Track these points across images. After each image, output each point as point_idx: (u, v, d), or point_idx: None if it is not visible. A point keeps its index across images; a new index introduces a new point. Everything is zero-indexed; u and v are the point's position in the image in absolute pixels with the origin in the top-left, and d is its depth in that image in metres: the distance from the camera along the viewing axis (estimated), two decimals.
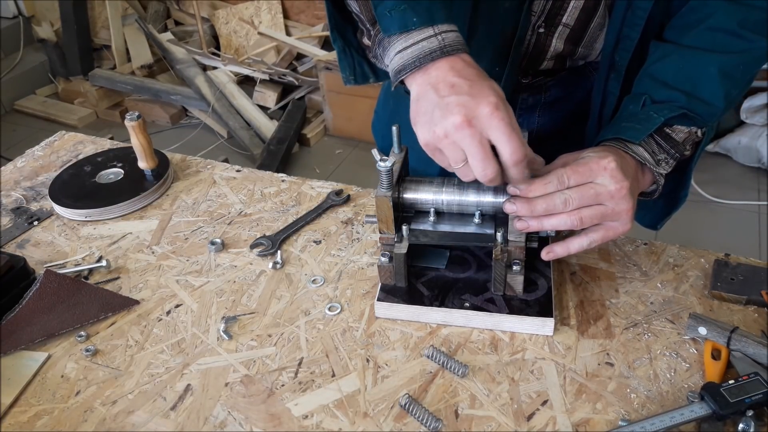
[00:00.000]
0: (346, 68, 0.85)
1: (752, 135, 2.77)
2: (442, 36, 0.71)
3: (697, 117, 0.80)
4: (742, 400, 0.66)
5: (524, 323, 0.79)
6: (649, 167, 0.78)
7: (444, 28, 0.71)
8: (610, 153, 0.74)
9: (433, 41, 0.71)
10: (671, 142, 0.80)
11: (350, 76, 0.85)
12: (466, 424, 0.70)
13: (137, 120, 1.07)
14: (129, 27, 3.65)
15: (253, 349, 0.80)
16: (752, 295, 0.81)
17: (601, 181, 0.72)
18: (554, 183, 0.72)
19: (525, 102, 1.02)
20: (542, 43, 0.93)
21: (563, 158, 0.78)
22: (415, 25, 0.71)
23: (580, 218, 0.73)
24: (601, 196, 0.72)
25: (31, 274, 0.91)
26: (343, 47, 0.85)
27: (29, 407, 0.75)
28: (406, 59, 0.72)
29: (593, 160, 0.72)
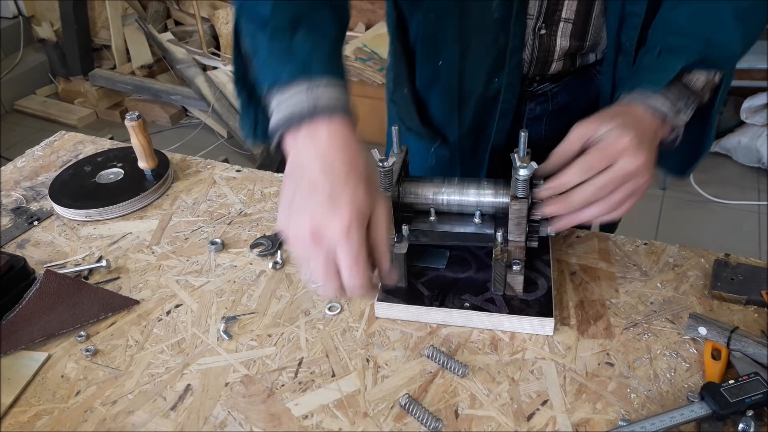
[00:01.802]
0: (246, 125, 0.77)
1: (752, 135, 2.77)
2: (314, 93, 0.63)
3: (714, 61, 0.79)
4: (742, 400, 0.66)
5: (524, 323, 0.79)
6: (667, 120, 0.77)
7: (320, 82, 0.63)
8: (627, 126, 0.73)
9: (304, 99, 0.63)
10: (689, 89, 0.79)
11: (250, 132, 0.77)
12: (466, 424, 0.70)
13: (137, 120, 1.07)
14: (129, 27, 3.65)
15: (253, 349, 0.80)
16: (752, 295, 0.81)
17: (623, 163, 0.72)
18: (581, 173, 0.72)
19: (533, 112, 1.01)
20: (547, 45, 0.92)
21: (580, 129, 0.76)
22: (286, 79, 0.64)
23: (616, 202, 0.73)
24: (627, 176, 0.72)
25: (31, 274, 0.91)
26: (248, 101, 0.77)
27: (29, 407, 0.75)
28: (277, 120, 0.64)
29: (613, 142, 0.72)
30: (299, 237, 0.62)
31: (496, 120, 0.95)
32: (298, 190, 0.62)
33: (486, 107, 0.95)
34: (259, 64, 0.69)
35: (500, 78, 0.91)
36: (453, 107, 0.98)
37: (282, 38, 0.66)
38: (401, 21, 0.98)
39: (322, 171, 0.61)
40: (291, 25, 0.66)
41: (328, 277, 0.62)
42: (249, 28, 0.71)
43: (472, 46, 0.90)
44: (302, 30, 0.66)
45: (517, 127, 1.00)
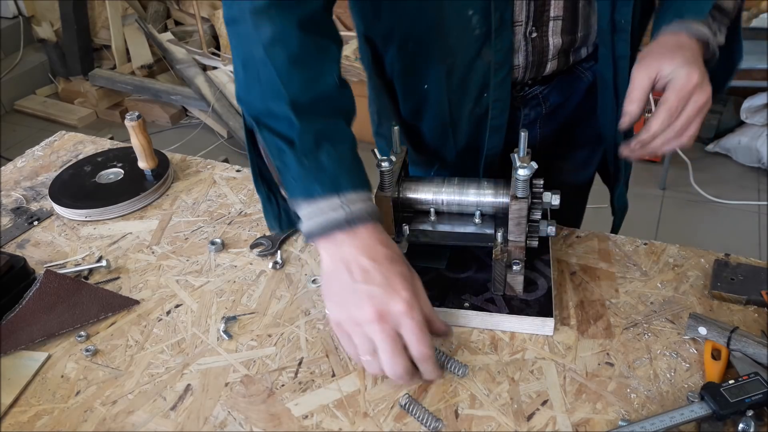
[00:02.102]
0: (271, 218, 0.82)
1: (752, 135, 2.77)
2: (348, 207, 0.69)
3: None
4: (742, 400, 0.66)
5: (524, 323, 0.79)
6: (710, 43, 0.81)
7: (351, 197, 0.70)
8: (689, 61, 0.77)
9: (340, 213, 0.69)
10: (723, 11, 0.84)
11: (275, 224, 0.82)
12: (466, 424, 0.70)
13: (137, 120, 1.07)
14: (129, 27, 3.65)
15: (253, 349, 0.80)
16: (752, 295, 0.81)
17: (696, 99, 0.77)
18: (667, 119, 0.78)
19: (527, 117, 1.00)
20: (540, 47, 0.91)
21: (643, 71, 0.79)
22: (318, 195, 0.70)
23: (689, 137, 0.80)
24: (700, 111, 0.78)
25: (31, 274, 0.91)
26: (268, 196, 0.81)
27: (29, 407, 0.75)
28: (312, 226, 0.70)
29: (686, 82, 0.76)
30: (361, 322, 0.68)
31: (487, 136, 0.95)
32: (349, 283, 0.69)
33: (478, 124, 0.95)
34: (288, 179, 0.73)
35: (488, 94, 0.91)
36: (446, 129, 0.98)
37: (310, 157, 0.71)
38: (376, 56, 0.98)
39: (371, 259, 0.68)
40: (316, 144, 0.71)
41: (395, 353, 0.68)
42: (274, 141, 0.73)
43: (456, 65, 0.90)
44: (326, 146, 0.71)
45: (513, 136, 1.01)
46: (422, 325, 0.68)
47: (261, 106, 0.74)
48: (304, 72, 0.72)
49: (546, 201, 0.80)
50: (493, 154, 0.97)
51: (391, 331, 0.67)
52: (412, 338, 0.68)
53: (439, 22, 0.86)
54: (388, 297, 0.67)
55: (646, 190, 2.78)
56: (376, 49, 0.97)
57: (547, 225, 0.82)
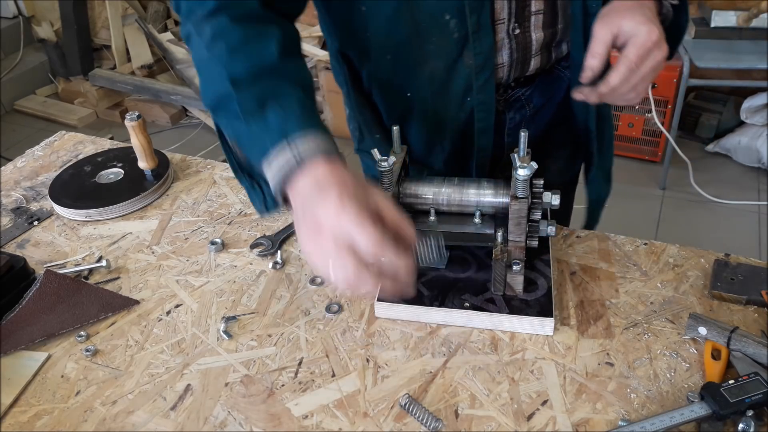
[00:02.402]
0: (256, 202, 0.82)
1: (752, 135, 2.77)
2: (296, 147, 0.68)
3: None
4: (742, 400, 0.66)
5: (524, 323, 0.79)
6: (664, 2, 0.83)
7: (298, 139, 0.69)
8: (648, 18, 0.78)
9: (287, 155, 0.68)
10: None
11: (262, 208, 0.81)
12: (466, 424, 0.70)
13: (137, 120, 1.07)
14: (129, 27, 3.65)
15: (253, 349, 0.80)
16: (752, 295, 0.81)
17: (653, 56, 0.78)
18: (626, 73, 0.78)
19: (512, 121, 1.01)
20: (524, 43, 0.91)
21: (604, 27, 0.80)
22: (270, 146, 0.69)
23: (640, 94, 0.80)
24: (656, 69, 0.79)
25: (31, 274, 0.91)
26: (251, 184, 0.82)
27: (29, 407, 0.75)
28: (274, 185, 0.70)
29: (646, 38, 0.77)
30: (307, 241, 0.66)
31: (475, 140, 0.95)
32: (299, 219, 0.67)
33: (464, 128, 0.95)
34: (246, 148, 0.75)
35: (472, 97, 0.91)
36: (432, 135, 0.98)
37: (257, 117, 0.71)
38: (353, 72, 0.98)
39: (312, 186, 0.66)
40: (260, 105, 0.71)
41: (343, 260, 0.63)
42: (225, 122, 0.76)
43: (437, 70, 0.90)
44: (270, 104, 0.71)
45: (500, 140, 1.01)
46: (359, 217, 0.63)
47: (213, 96, 0.76)
48: (244, 55, 0.74)
49: (546, 201, 0.80)
50: (483, 156, 0.97)
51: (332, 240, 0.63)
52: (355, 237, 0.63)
53: (415, 29, 0.86)
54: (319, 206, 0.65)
55: (646, 190, 2.78)
56: (352, 65, 0.97)
57: (547, 225, 0.82)
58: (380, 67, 0.94)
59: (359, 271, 0.63)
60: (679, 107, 2.57)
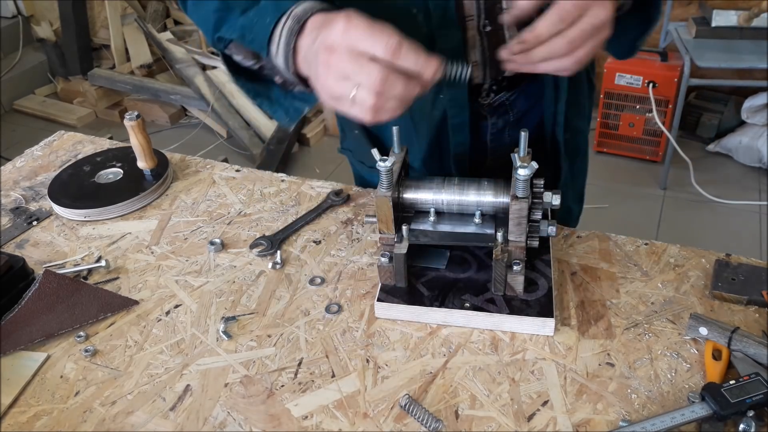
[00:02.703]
0: (281, 117, 0.84)
1: (753, 135, 2.77)
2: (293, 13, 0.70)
3: None
4: (743, 401, 0.66)
5: (524, 323, 0.79)
6: None
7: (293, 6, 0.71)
8: None
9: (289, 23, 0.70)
10: None
11: (287, 120, 0.83)
12: (466, 425, 0.70)
13: (136, 120, 1.06)
14: (128, 26, 3.65)
15: (252, 350, 0.80)
16: (753, 296, 0.81)
17: (594, 12, 0.68)
18: (557, 22, 0.68)
19: (495, 126, 1.00)
20: (497, 42, 0.88)
21: None
22: (271, 24, 0.71)
23: (578, 60, 0.70)
24: (596, 29, 0.69)
25: (30, 274, 0.91)
26: (270, 105, 0.84)
27: (28, 407, 0.74)
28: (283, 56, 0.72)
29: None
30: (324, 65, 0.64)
31: (450, 137, 0.94)
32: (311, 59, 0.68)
33: (439, 126, 0.94)
34: (253, 41, 0.75)
35: (443, 94, 0.90)
36: (409, 133, 0.97)
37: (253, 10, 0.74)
38: None
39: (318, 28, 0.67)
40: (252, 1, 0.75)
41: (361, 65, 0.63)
42: (228, 29, 0.77)
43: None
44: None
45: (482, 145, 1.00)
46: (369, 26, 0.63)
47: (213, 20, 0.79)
48: None
49: (546, 201, 0.80)
50: (461, 153, 0.96)
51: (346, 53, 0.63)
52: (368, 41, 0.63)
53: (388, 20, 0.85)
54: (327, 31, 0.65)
55: (646, 190, 2.78)
56: None
57: (547, 225, 0.82)
58: None
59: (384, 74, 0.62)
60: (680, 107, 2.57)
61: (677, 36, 2.64)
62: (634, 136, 2.88)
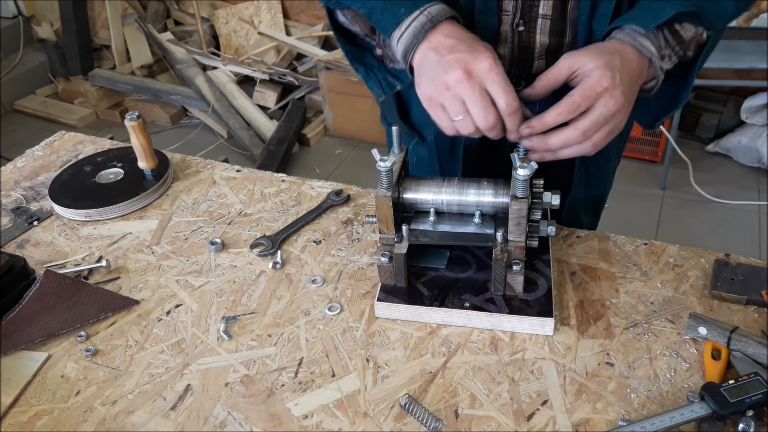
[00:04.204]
0: (374, 87, 0.92)
1: (752, 135, 2.77)
2: (428, 11, 0.78)
3: (705, 17, 0.81)
4: (742, 400, 0.66)
5: (524, 323, 0.79)
6: (654, 61, 0.79)
7: (427, 5, 0.79)
8: (610, 66, 0.75)
9: (422, 18, 0.78)
10: (678, 38, 0.81)
11: (380, 92, 0.91)
12: (466, 424, 0.70)
13: (137, 120, 1.06)
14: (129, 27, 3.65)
15: (253, 349, 0.80)
16: (752, 295, 0.81)
17: (604, 103, 0.74)
18: (565, 113, 0.75)
19: None
20: (526, 42, 0.91)
21: (569, 60, 0.78)
22: (405, 15, 0.79)
23: (593, 144, 0.76)
24: (607, 118, 0.75)
25: (31, 274, 0.91)
26: (366, 72, 0.92)
27: (29, 407, 0.75)
28: (406, 43, 0.79)
29: (596, 82, 0.74)
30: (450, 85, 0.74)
31: None
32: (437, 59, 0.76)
33: None
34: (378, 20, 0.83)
35: None
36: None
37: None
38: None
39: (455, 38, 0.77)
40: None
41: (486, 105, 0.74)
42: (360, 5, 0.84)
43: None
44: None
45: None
46: (506, 79, 0.74)
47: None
48: None
49: (546, 201, 0.80)
50: (471, 141, 0.98)
51: (479, 86, 0.74)
52: (499, 90, 0.74)
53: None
54: (473, 58, 0.74)
55: (646, 190, 2.78)
56: None
57: (547, 225, 0.82)
58: None
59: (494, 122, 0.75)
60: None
61: None
62: (634, 136, 2.88)
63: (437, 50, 0.76)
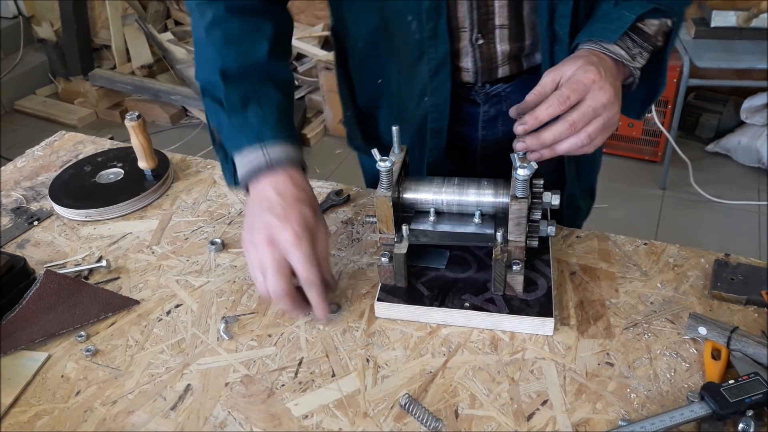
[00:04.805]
0: (227, 175, 0.89)
1: (752, 135, 2.77)
2: (269, 154, 0.80)
3: (666, 9, 0.83)
4: (742, 400, 0.66)
5: (524, 323, 0.79)
6: (626, 63, 0.81)
7: (272, 146, 0.80)
8: (591, 63, 0.77)
9: (261, 158, 0.79)
10: (644, 36, 0.83)
11: (231, 181, 0.88)
12: (466, 424, 0.70)
13: (137, 120, 1.07)
14: (129, 27, 3.65)
15: (253, 349, 0.80)
16: (752, 295, 0.81)
17: (593, 95, 0.75)
18: (555, 105, 0.75)
19: (487, 114, 1.01)
20: (487, 53, 0.93)
21: (550, 74, 0.79)
22: (245, 145, 0.80)
23: (588, 135, 0.76)
24: (598, 109, 0.75)
25: (31, 274, 0.91)
26: (225, 158, 0.88)
27: (29, 407, 0.75)
28: (242, 173, 0.81)
29: (582, 75, 0.76)
30: (258, 243, 0.76)
31: (428, 139, 0.97)
32: (257, 211, 0.78)
33: (421, 126, 0.97)
34: (224, 136, 0.85)
35: (427, 98, 0.93)
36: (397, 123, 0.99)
37: (238, 115, 0.82)
38: (340, 48, 1.03)
39: (276, 197, 0.78)
40: (243, 104, 0.82)
41: (278, 275, 0.75)
42: (211, 107, 0.86)
43: (403, 65, 0.93)
44: (252, 105, 0.82)
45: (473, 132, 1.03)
46: (309, 257, 0.75)
47: (204, 77, 0.86)
48: (237, 48, 0.84)
49: (546, 201, 0.80)
50: (436, 155, 1.00)
51: (279, 256, 0.75)
52: (298, 264, 0.75)
53: (384, 24, 0.90)
54: (280, 227, 0.75)
55: (646, 190, 2.78)
56: (340, 42, 1.02)
57: (547, 225, 0.82)
58: (356, 51, 0.99)
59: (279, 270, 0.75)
60: (679, 107, 2.58)
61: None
62: (634, 137, 2.88)
63: (260, 201, 0.78)
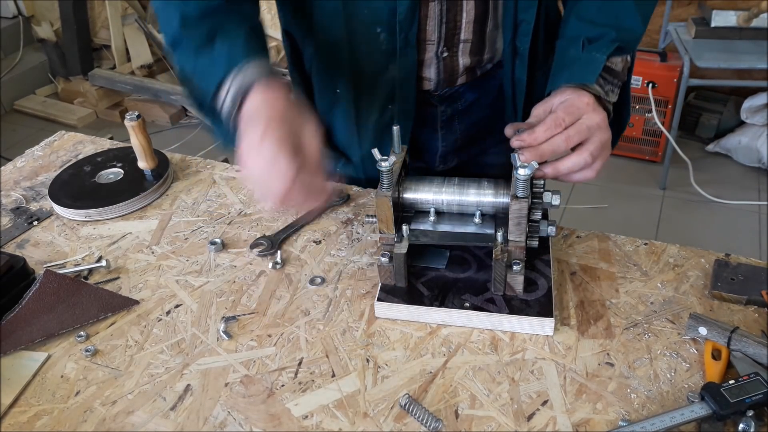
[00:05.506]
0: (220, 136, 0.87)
1: (752, 135, 2.77)
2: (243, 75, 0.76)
3: (626, 46, 0.87)
4: (742, 400, 0.66)
5: (524, 323, 0.79)
6: (602, 98, 0.84)
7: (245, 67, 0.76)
8: (582, 91, 0.81)
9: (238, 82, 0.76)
10: (613, 73, 0.87)
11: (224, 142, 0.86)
12: (466, 424, 0.70)
13: (137, 120, 1.06)
14: (129, 27, 3.65)
15: (252, 349, 0.80)
16: (752, 295, 0.81)
17: (587, 117, 0.79)
18: (552, 126, 0.78)
19: (444, 114, 1.04)
20: (450, 65, 0.97)
21: (540, 107, 0.83)
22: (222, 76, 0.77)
23: (590, 154, 0.79)
24: (591, 129, 0.79)
25: (31, 274, 0.91)
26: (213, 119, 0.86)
27: (29, 407, 0.75)
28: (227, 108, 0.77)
29: (575, 100, 0.80)
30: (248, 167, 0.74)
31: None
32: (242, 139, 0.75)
33: (382, 132, 0.99)
34: (200, 80, 0.81)
35: (393, 105, 0.96)
36: (353, 132, 1.02)
37: (207, 52, 0.79)
38: (295, 51, 1.03)
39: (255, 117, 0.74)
40: (209, 39, 0.80)
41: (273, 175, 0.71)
42: (183, 58, 0.84)
43: (365, 75, 0.95)
44: (219, 38, 0.79)
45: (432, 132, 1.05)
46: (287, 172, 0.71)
47: (171, 35, 0.84)
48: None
49: (546, 201, 0.80)
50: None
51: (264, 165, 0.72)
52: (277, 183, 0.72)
53: (349, 34, 0.91)
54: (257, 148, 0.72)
55: (646, 190, 2.78)
56: (295, 44, 1.02)
57: (547, 225, 0.82)
58: (317, 58, 0.99)
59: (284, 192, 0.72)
60: (679, 107, 2.58)
61: (677, 36, 2.64)
62: (634, 137, 2.88)
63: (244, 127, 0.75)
